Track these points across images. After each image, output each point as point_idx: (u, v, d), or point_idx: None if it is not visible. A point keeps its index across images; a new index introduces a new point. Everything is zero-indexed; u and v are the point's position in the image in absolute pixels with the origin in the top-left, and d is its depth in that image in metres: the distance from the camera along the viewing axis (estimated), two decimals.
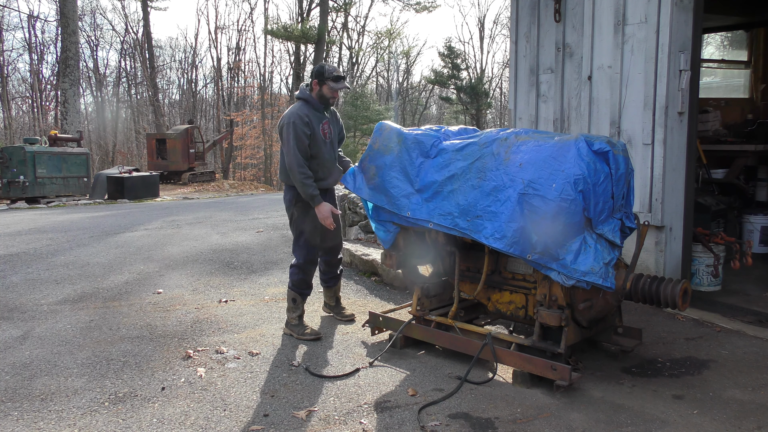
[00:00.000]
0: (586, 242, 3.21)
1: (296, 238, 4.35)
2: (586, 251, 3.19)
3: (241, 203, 14.04)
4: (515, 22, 5.81)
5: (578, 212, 3.16)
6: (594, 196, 3.18)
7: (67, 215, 11.36)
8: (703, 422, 2.95)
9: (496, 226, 3.33)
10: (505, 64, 38.90)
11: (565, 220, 3.16)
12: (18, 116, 34.92)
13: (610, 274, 3.25)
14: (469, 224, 3.46)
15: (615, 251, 3.33)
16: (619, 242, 3.33)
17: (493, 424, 2.97)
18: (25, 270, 6.24)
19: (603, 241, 3.27)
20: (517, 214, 3.26)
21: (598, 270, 3.18)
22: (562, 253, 3.19)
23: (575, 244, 3.19)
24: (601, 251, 3.23)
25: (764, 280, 5.29)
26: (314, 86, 4.21)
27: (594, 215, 3.21)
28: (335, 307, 4.77)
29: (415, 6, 33.43)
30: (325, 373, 3.66)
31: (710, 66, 7.80)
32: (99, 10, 47.60)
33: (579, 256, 3.18)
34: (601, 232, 3.25)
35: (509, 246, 3.28)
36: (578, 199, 3.14)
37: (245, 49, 47.62)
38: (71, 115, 21.48)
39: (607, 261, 3.24)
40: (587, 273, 3.17)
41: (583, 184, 3.14)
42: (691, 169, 4.83)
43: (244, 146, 34.21)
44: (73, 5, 22.11)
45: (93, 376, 3.65)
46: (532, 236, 3.22)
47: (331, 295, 4.78)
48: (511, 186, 3.31)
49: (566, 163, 3.19)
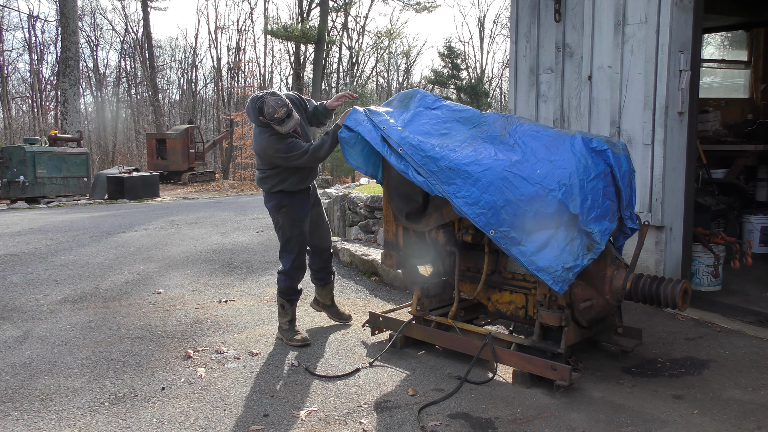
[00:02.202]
0: (555, 238, 3.13)
1: (284, 244, 4.24)
2: (551, 247, 3.12)
3: (241, 203, 14.04)
4: (515, 22, 5.81)
5: (554, 204, 3.11)
6: (582, 193, 3.14)
7: (67, 215, 11.36)
8: (703, 422, 2.95)
9: (472, 191, 3.26)
10: (505, 64, 38.91)
11: (539, 208, 3.13)
12: (18, 116, 34.90)
13: (566, 279, 3.12)
14: (437, 171, 3.36)
15: (586, 258, 3.17)
16: (602, 245, 3.21)
17: (493, 424, 2.97)
18: (25, 270, 6.24)
19: (577, 245, 3.15)
20: (494, 188, 3.22)
21: (553, 271, 3.10)
22: (525, 240, 3.13)
23: (542, 236, 3.13)
24: (567, 254, 3.12)
25: (764, 280, 5.28)
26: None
27: (581, 212, 3.13)
28: (331, 307, 4.65)
29: (415, 6, 33.42)
30: (325, 373, 3.66)
31: (710, 66, 7.80)
32: (99, 10, 47.58)
33: (542, 250, 3.11)
34: (591, 230, 3.17)
35: (477, 215, 3.22)
36: (557, 192, 3.11)
37: (245, 49, 47.57)
38: (71, 115, 21.48)
39: (569, 266, 3.11)
40: (542, 270, 3.10)
41: (568, 178, 3.12)
42: (691, 169, 4.83)
43: (244, 146, 34.17)
44: (73, 5, 22.11)
45: (93, 376, 3.65)
46: (501, 213, 3.19)
47: (327, 294, 4.63)
48: (497, 160, 3.29)
49: (556, 155, 3.19)
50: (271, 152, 3.98)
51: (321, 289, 4.63)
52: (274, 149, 3.96)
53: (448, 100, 4.01)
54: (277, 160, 3.99)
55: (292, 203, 4.17)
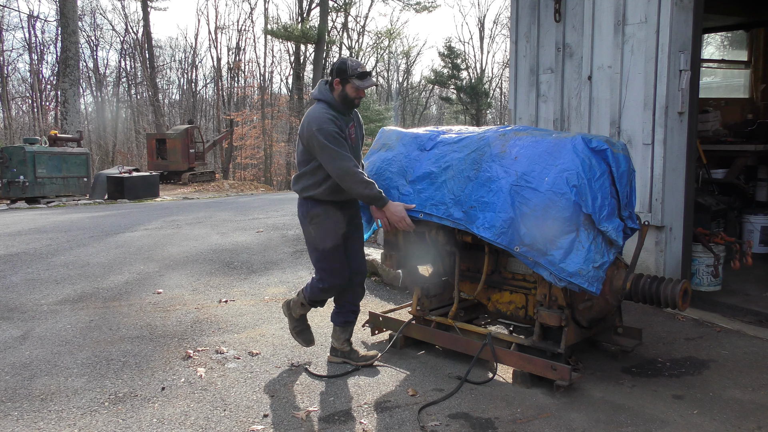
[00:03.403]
0: (579, 239, 3.12)
1: (319, 260, 3.67)
2: (577, 250, 3.11)
3: (241, 203, 14.03)
4: (515, 22, 5.81)
5: (569, 207, 3.10)
6: (591, 192, 3.14)
7: (67, 215, 11.36)
8: (703, 422, 2.95)
9: (488, 216, 3.31)
10: (505, 64, 38.89)
11: (555, 214, 3.12)
12: (18, 116, 34.90)
13: (598, 278, 3.14)
14: (464, 215, 3.43)
15: (611, 253, 3.23)
16: (620, 242, 3.26)
17: (493, 424, 2.97)
18: (25, 270, 6.24)
19: (600, 241, 3.19)
20: (507, 205, 3.24)
21: (585, 273, 3.09)
22: (551, 249, 3.12)
23: (565, 240, 3.11)
24: (593, 253, 3.13)
25: (764, 280, 5.28)
26: (335, 86, 3.58)
27: (594, 211, 3.13)
28: (350, 352, 3.83)
29: (415, 6, 33.46)
30: (325, 373, 3.66)
31: (710, 66, 7.80)
32: (99, 10, 47.66)
33: (569, 255, 3.10)
34: (605, 229, 3.17)
35: (497, 236, 3.25)
36: (570, 194, 3.10)
37: (245, 49, 47.61)
38: (71, 115, 21.47)
39: (598, 264, 3.13)
40: (574, 274, 3.08)
41: (576, 179, 3.11)
42: (691, 169, 4.83)
43: (244, 146, 34.18)
44: (73, 5, 22.10)
45: (93, 376, 3.65)
46: (521, 228, 3.19)
47: (348, 337, 3.86)
48: (504, 177, 3.31)
49: (560, 159, 3.19)
50: (315, 127, 3.45)
51: (345, 329, 3.87)
52: (325, 130, 3.44)
53: (440, 128, 3.98)
54: (315, 141, 3.45)
55: (326, 213, 3.63)
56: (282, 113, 34.26)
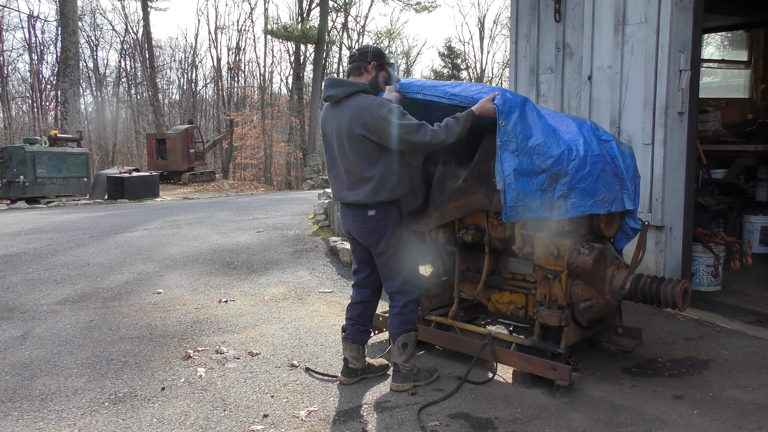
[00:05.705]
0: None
1: (402, 266, 3.41)
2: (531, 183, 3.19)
3: (241, 203, 14.03)
4: (515, 22, 5.81)
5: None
6: (583, 161, 3.25)
7: (67, 215, 11.36)
8: (703, 422, 2.95)
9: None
10: (505, 64, 38.90)
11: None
12: (18, 116, 34.89)
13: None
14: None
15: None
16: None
17: (493, 424, 2.97)
18: (25, 270, 6.24)
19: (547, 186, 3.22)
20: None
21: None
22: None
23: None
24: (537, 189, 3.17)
25: (764, 280, 5.28)
26: (369, 70, 3.29)
27: (575, 176, 3.21)
28: (368, 368, 3.56)
29: (415, 6, 33.43)
30: (325, 372, 3.66)
31: (710, 66, 7.80)
32: (99, 10, 47.60)
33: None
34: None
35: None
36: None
37: (245, 49, 47.67)
38: (71, 115, 21.46)
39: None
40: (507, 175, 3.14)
41: (575, 145, 3.28)
42: (691, 169, 4.83)
43: (244, 146, 34.21)
44: (73, 5, 22.09)
45: (93, 376, 3.65)
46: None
47: (363, 353, 3.56)
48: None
49: (566, 130, 3.39)
50: (385, 111, 3.09)
51: (361, 345, 3.56)
52: (394, 110, 3.10)
53: None
54: (390, 126, 3.09)
55: (402, 216, 3.39)
56: (282, 113, 34.30)
